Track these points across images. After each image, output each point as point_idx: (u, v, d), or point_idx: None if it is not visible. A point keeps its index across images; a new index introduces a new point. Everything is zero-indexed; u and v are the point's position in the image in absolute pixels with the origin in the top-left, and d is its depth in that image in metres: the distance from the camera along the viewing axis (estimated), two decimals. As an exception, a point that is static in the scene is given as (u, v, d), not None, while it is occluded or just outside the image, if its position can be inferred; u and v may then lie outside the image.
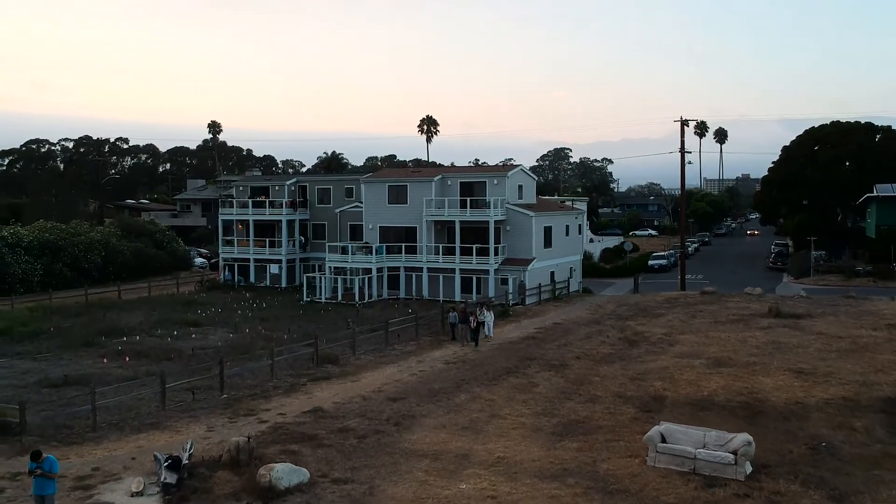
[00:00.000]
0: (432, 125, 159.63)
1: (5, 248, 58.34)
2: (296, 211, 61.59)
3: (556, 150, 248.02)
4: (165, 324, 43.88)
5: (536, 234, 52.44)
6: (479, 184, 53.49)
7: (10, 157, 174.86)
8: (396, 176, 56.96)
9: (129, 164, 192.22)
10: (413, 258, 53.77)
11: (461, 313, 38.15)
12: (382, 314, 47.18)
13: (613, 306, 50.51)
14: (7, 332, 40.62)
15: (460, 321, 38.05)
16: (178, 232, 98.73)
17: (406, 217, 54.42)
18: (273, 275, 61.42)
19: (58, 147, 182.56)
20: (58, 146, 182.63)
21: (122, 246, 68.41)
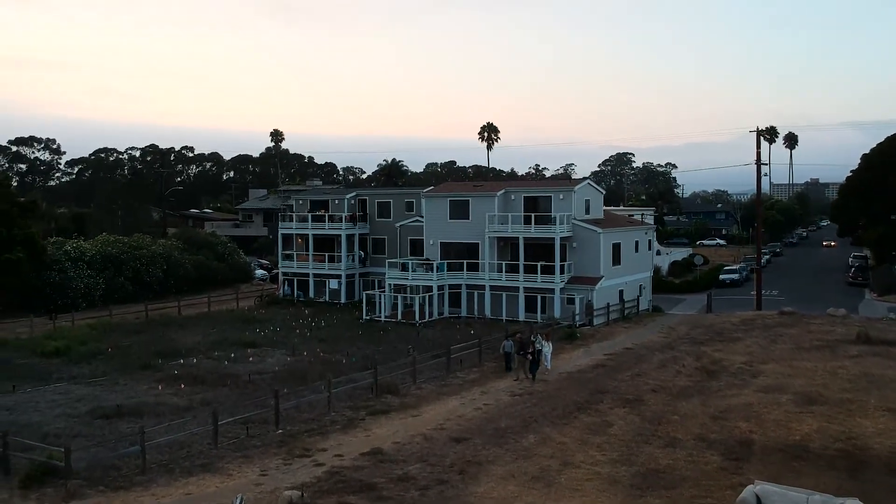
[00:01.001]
0: (493, 132, 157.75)
1: (68, 263, 58.50)
2: (355, 225, 60.45)
3: (619, 154, 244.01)
4: (223, 344, 43.00)
5: (604, 250, 50.19)
6: (544, 198, 51.50)
7: (79, 165, 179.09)
8: (458, 190, 55.30)
9: (194, 171, 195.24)
10: (475, 276, 52.01)
11: (517, 343, 35.45)
12: (443, 335, 45.56)
13: (687, 328, 47.95)
14: (65, 352, 40.23)
15: (516, 351, 35.42)
16: (240, 242, 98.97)
17: (468, 233, 52.73)
18: (332, 290, 60.36)
19: (125, 156, 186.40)
20: (125, 155, 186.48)
21: (183, 259, 68.27)
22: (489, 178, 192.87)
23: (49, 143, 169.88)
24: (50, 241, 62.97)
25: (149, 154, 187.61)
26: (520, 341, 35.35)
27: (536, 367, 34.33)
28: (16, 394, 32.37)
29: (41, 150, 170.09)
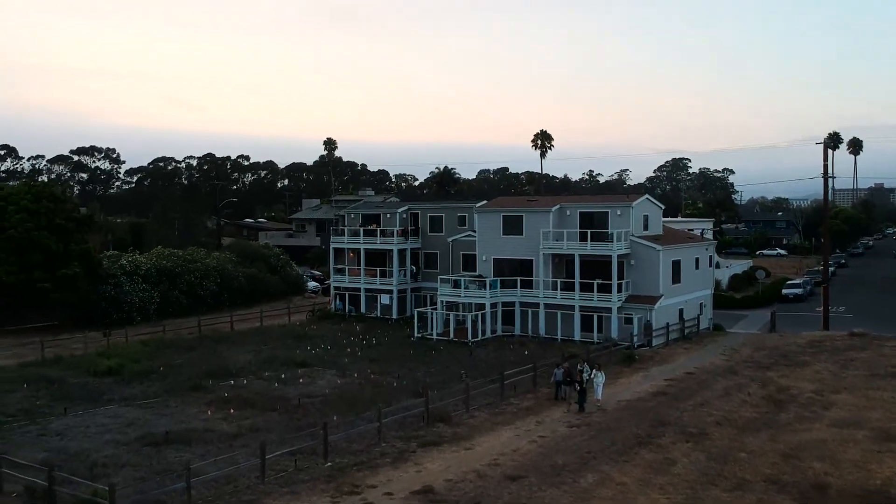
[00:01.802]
0: (546, 140, 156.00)
1: (123, 277, 58.94)
2: (407, 240, 59.72)
3: (675, 160, 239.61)
4: (274, 363, 42.57)
5: (664, 268, 48.53)
6: (601, 214, 50.05)
7: (138, 174, 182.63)
8: (511, 205, 54.16)
9: (250, 180, 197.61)
10: (529, 293, 50.80)
11: (566, 372, 33.69)
12: (496, 356, 44.47)
13: (750, 350, 46.04)
14: (118, 371, 40.21)
15: (564, 381, 33.65)
16: (293, 252, 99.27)
17: (522, 249, 51.54)
18: (384, 305, 59.72)
19: (183, 164, 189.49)
20: (183, 163, 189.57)
21: (236, 272, 68.42)
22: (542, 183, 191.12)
23: (109, 153, 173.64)
24: (106, 255, 63.63)
25: (206, 163, 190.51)
26: (567, 371, 33.60)
27: (584, 398, 32.51)
28: (67, 417, 32.27)
29: (102, 159, 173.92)
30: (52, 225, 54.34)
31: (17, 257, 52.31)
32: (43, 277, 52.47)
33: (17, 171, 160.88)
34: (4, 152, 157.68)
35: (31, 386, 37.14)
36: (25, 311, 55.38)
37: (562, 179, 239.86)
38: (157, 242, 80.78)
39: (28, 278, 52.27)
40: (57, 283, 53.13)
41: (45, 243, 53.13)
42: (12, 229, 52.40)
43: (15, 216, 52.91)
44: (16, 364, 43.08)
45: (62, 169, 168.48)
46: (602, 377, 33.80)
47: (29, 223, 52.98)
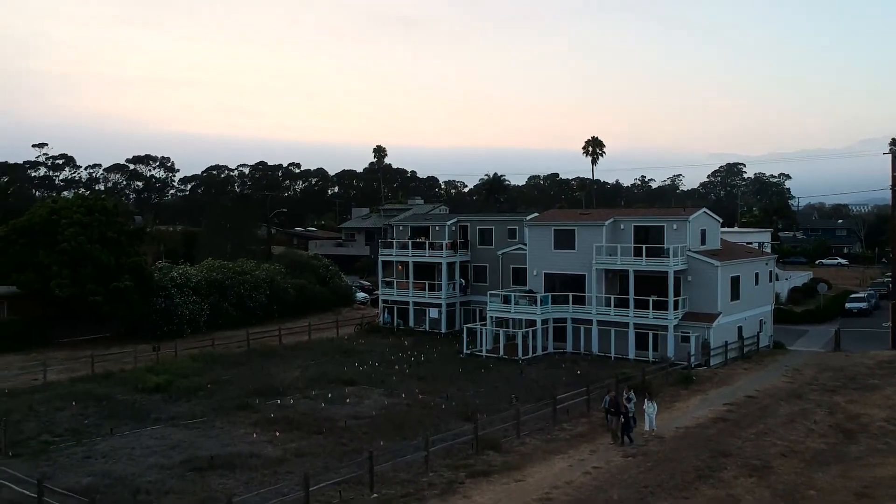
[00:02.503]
0: (598, 146, 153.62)
1: (174, 289, 59.14)
2: (456, 253, 58.83)
3: (729, 165, 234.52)
4: (321, 381, 41.99)
5: (722, 285, 46.77)
6: (656, 229, 48.51)
7: (192, 182, 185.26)
8: (563, 218, 52.85)
9: (301, 187, 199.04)
10: (581, 309, 49.46)
11: (612, 402, 31.37)
12: (548, 375, 43.25)
13: (814, 371, 44.05)
14: (166, 388, 40.02)
15: (610, 411, 31.39)
16: (342, 261, 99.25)
17: (574, 264, 50.23)
18: (432, 319, 58.92)
19: (235, 172, 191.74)
20: (235, 171, 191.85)
21: (286, 283, 68.30)
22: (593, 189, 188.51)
23: (164, 162, 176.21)
24: (157, 267, 64.00)
25: (258, 171, 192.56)
26: (614, 400, 31.39)
27: (631, 429, 30.44)
28: (113, 437, 32.04)
29: (157, 167, 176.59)
30: (104, 238, 54.72)
31: (70, 270, 52.73)
32: (95, 290, 52.81)
33: (75, 180, 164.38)
34: (63, 161, 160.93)
35: (79, 403, 37.10)
36: (78, 323, 55.93)
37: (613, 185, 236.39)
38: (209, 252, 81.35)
39: (81, 291, 52.63)
40: (109, 296, 53.44)
41: (97, 256, 53.48)
42: (65, 243, 52.85)
43: (68, 229, 53.38)
44: (67, 379, 43.29)
45: (118, 177, 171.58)
46: (653, 407, 31.96)
47: (81, 236, 53.40)
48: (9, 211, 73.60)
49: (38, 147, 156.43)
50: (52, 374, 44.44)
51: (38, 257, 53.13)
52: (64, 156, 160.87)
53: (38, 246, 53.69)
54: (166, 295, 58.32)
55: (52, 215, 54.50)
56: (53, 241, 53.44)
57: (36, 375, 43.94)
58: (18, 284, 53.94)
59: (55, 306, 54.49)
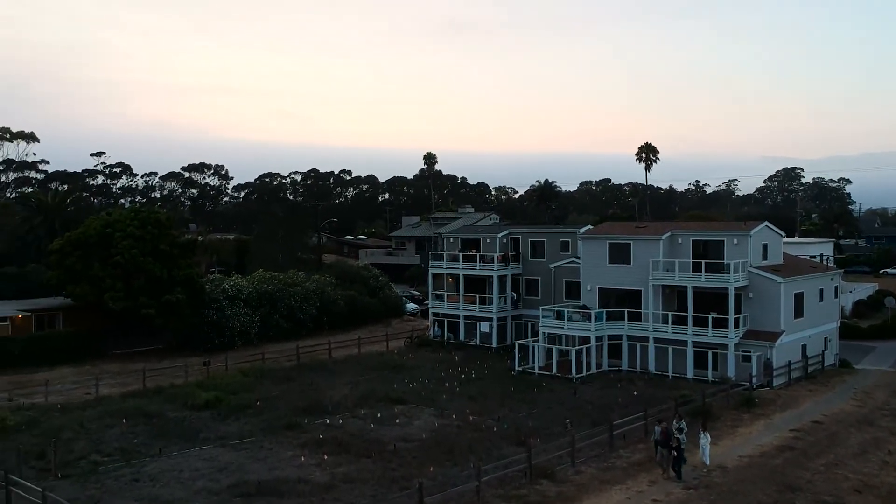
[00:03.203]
0: (651, 153, 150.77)
1: (226, 301, 59.22)
2: (507, 265, 57.77)
3: (786, 169, 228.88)
4: (370, 399, 41.32)
5: (785, 302, 44.89)
6: (716, 243, 46.82)
7: (245, 190, 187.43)
8: (618, 232, 51.36)
9: (351, 194, 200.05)
10: (637, 326, 48.00)
11: (664, 433, 29.81)
12: (603, 395, 41.94)
13: (885, 394, 41.97)
14: (216, 405, 39.78)
15: (660, 443, 29.83)
16: (392, 271, 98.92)
17: (629, 279, 48.81)
18: (483, 333, 57.93)
19: (287, 180, 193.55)
20: (288, 179, 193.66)
21: (336, 295, 68.02)
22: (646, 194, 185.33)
23: (218, 169, 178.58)
24: (209, 279, 64.25)
25: (309, 178, 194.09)
26: (664, 432, 29.80)
27: (681, 464, 28.81)
28: (161, 458, 31.78)
29: (211, 175, 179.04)
30: (157, 250, 54.99)
31: (123, 283, 53.09)
32: (147, 303, 53.06)
33: (132, 188, 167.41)
34: (120, 170, 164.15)
35: (129, 421, 37.02)
36: (131, 335, 56.36)
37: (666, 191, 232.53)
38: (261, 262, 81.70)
39: (134, 304, 52.95)
40: (161, 309, 53.65)
41: (150, 269, 53.76)
42: (119, 255, 53.22)
43: (122, 242, 53.77)
44: (119, 394, 43.44)
45: (174, 185, 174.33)
46: (707, 439, 30.14)
47: (135, 249, 53.73)
48: (67, 221, 74.65)
49: (96, 156, 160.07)
50: (105, 388, 44.70)
51: (93, 270, 53.61)
52: (121, 164, 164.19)
53: (93, 259, 54.19)
54: (218, 307, 58.41)
55: (107, 228, 54.97)
56: (107, 254, 53.88)
57: (88, 389, 44.26)
58: (73, 297, 54.55)
59: (109, 318, 54.99)
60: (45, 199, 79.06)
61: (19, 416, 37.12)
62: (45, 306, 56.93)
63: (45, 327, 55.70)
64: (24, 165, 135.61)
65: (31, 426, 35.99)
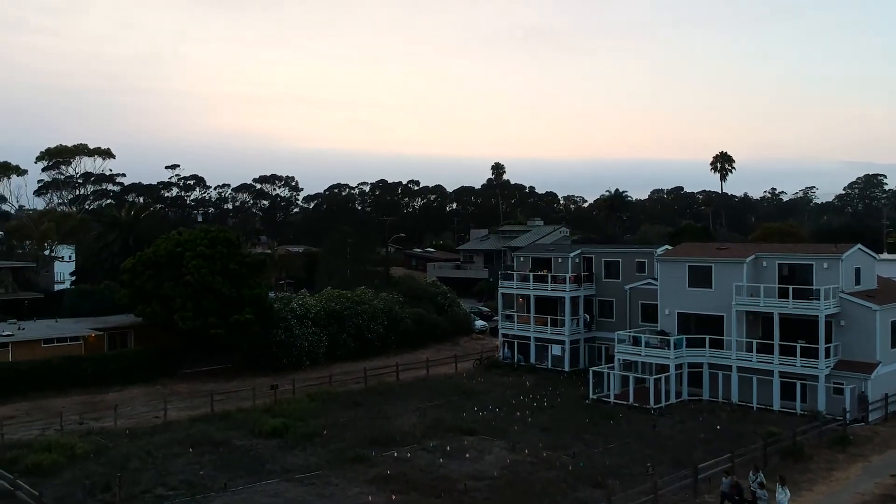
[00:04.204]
0: (727, 162, 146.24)
1: (294, 321, 58.85)
2: (580, 286, 55.88)
3: (867, 175, 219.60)
4: (439, 429, 40.06)
5: (881, 330, 42.01)
6: (804, 267, 44.18)
7: (314, 201, 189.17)
8: (699, 254, 48.97)
9: (419, 204, 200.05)
10: (719, 353, 45.64)
11: (735, 487, 27.75)
12: (684, 430, 39.79)
13: None
14: (282, 433, 39.10)
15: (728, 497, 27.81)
16: (460, 285, 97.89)
17: (710, 303, 46.47)
18: (555, 356, 56.13)
19: (356, 190, 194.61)
20: (356, 189, 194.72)
21: (403, 313, 67.12)
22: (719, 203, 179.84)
23: (288, 181, 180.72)
24: (278, 296, 64.07)
25: (378, 188, 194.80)
26: (736, 485, 27.76)
27: None
28: (227, 493, 31.08)
29: (282, 186, 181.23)
30: (227, 270, 54.88)
31: (193, 303, 53.09)
32: (216, 323, 52.95)
33: (205, 200, 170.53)
34: (194, 182, 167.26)
35: (196, 449, 36.55)
36: (200, 354, 56.36)
37: (741, 199, 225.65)
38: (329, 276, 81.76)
39: (203, 324, 52.90)
40: (230, 329, 53.48)
41: (219, 289, 53.65)
42: (189, 275, 53.28)
43: (192, 262, 53.82)
44: (187, 418, 43.20)
45: (245, 196, 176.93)
46: (786, 494, 27.26)
47: (204, 269, 53.71)
48: (140, 237, 75.66)
49: (171, 168, 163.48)
50: (173, 411, 44.52)
51: (164, 289, 53.78)
52: (195, 177, 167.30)
53: (164, 278, 54.38)
54: (286, 326, 58.06)
55: (177, 248, 55.13)
56: (178, 273, 54.00)
57: (157, 413, 44.13)
58: (144, 316, 54.82)
59: (178, 337, 55.08)
60: (119, 215, 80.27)
61: (88, 443, 36.99)
62: (117, 324, 57.46)
63: (118, 345, 56.22)
64: (102, 178, 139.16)
65: (99, 454, 35.80)
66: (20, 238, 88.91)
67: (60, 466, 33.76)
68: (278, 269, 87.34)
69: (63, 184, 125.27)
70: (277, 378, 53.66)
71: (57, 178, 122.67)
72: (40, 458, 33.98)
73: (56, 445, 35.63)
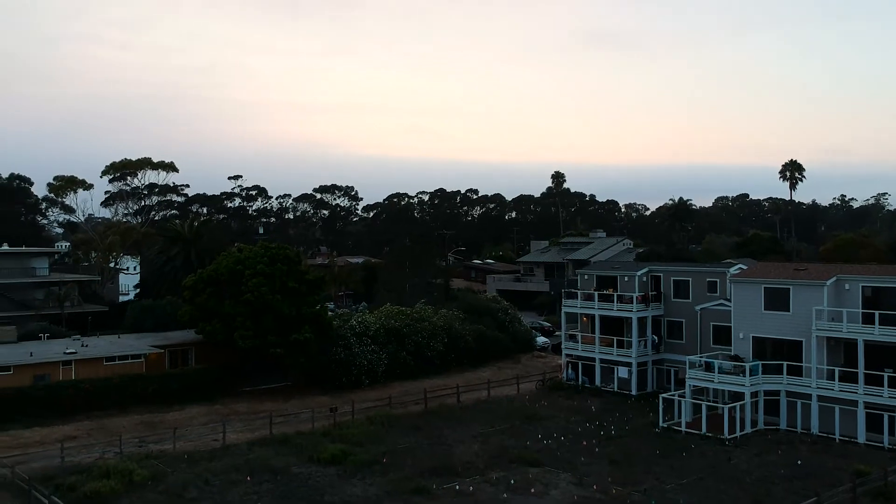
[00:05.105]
0: (797, 170, 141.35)
1: (353, 338, 58.08)
2: (648, 306, 53.80)
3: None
4: (502, 459, 38.60)
5: (978, 360, 39.16)
6: (890, 291, 41.50)
7: (374, 210, 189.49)
8: (775, 276, 46.51)
9: (478, 213, 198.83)
10: (798, 381, 43.20)
11: None
12: (761, 465, 37.56)
13: None
14: (341, 460, 38.12)
15: None
16: (520, 298, 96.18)
17: (788, 328, 44.07)
18: (621, 379, 54.11)
19: (415, 199, 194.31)
20: (415, 199, 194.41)
21: (463, 330, 65.82)
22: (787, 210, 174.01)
23: (348, 191, 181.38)
24: (337, 314, 63.45)
25: (436, 197, 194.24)
26: None
27: None
28: (285, 528, 30.17)
29: (341, 196, 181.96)
30: (286, 288, 54.40)
31: (252, 321, 52.69)
32: (276, 342, 52.47)
33: (267, 210, 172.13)
34: (256, 192, 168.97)
35: (254, 478, 35.76)
36: (260, 372, 56.00)
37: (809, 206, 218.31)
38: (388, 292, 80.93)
39: (262, 343, 52.46)
40: (289, 348, 52.95)
41: (279, 307, 53.17)
42: (249, 294, 52.91)
43: (252, 280, 53.45)
44: (245, 441, 42.53)
45: (306, 206, 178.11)
46: None
47: (264, 287, 53.27)
48: (202, 252, 75.92)
49: (233, 179, 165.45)
50: (232, 433, 43.90)
51: (224, 307, 53.51)
52: (257, 187, 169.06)
53: (224, 296, 54.14)
54: (345, 344, 57.33)
55: (237, 265, 54.83)
56: (238, 291, 53.66)
57: (216, 435, 43.55)
58: (205, 334, 54.65)
59: (238, 354, 54.74)
60: (182, 229, 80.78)
61: (147, 468, 36.49)
62: (179, 341, 57.44)
63: (179, 363, 56.18)
64: (167, 189, 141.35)
65: (157, 481, 35.26)
66: (86, 251, 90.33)
67: (118, 494, 33.33)
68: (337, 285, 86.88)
69: (129, 195, 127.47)
70: (336, 397, 53.00)
71: (123, 190, 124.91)
72: (98, 485, 33.60)
73: (114, 471, 35.22)
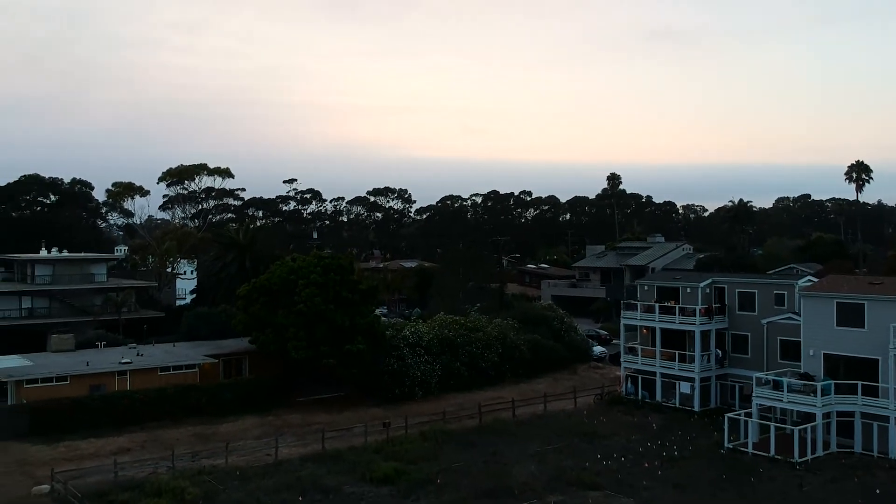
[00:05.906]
0: (864, 172, 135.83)
1: (406, 349, 57.23)
2: (711, 319, 51.77)
3: None
4: (559, 482, 37.29)
5: None
6: (977, 307, 39.03)
7: (427, 213, 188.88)
8: (849, 290, 44.16)
9: (532, 215, 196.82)
10: (873, 402, 40.93)
11: None
12: (836, 491, 35.66)
13: None
14: (393, 480, 37.27)
15: None
16: (575, 304, 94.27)
17: (863, 345, 41.80)
18: (683, 394, 52.19)
19: (468, 202, 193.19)
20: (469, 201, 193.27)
21: (518, 340, 64.45)
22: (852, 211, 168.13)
23: (401, 193, 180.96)
24: (390, 323, 62.72)
25: (490, 199, 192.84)
26: None
27: None
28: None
29: (395, 199, 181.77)
30: (339, 298, 53.77)
31: (305, 332, 52.17)
32: (329, 353, 51.88)
33: (321, 213, 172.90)
34: (310, 195, 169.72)
35: (306, 498, 35.14)
36: (313, 383, 55.40)
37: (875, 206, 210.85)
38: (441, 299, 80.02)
39: (315, 354, 51.93)
40: (342, 359, 52.31)
41: (332, 318, 52.56)
42: (302, 304, 52.42)
43: (304, 290, 52.95)
44: (298, 457, 41.99)
45: (360, 209, 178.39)
46: None
47: (317, 297, 52.72)
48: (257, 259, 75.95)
49: (288, 182, 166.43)
50: (284, 447, 43.34)
51: (277, 318, 53.10)
52: (311, 190, 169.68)
53: (278, 306, 53.76)
54: (398, 355, 56.49)
55: (291, 275, 54.39)
56: (291, 301, 53.18)
57: (269, 450, 43.02)
58: (258, 344, 54.34)
59: (290, 365, 54.30)
60: (237, 236, 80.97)
61: (198, 485, 36.13)
62: (232, 350, 57.29)
63: (233, 372, 56.00)
64: (223, 193, 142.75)
65: (208, 499, 34.90)
66: (143, 256, 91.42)
67: (169, 513, 32.99)
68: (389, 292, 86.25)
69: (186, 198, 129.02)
70: (389, 409, 52.26)
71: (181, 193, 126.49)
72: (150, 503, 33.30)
73: (166, 489, 34.97)
